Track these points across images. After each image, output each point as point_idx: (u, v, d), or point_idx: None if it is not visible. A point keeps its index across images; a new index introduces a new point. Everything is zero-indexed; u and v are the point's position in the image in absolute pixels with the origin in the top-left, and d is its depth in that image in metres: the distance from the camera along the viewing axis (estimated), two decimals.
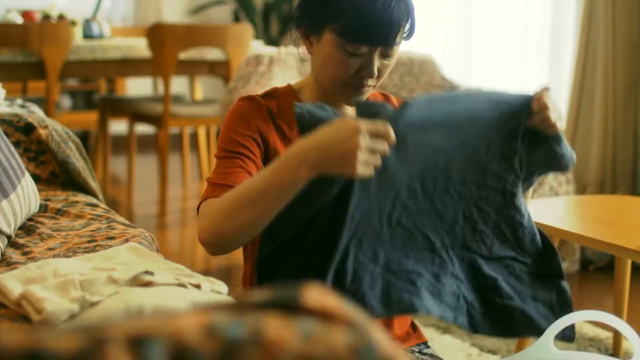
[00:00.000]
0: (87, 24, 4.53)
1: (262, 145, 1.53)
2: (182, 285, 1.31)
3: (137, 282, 1.29)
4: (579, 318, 1.50)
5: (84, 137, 6.39)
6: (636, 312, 2.97)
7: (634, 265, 2.71)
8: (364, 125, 1.24)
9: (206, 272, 3.45)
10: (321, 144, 1.27)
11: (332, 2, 1.48)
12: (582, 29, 4.19)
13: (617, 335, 2.52)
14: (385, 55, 1.51)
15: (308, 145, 1.28)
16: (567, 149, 1.50)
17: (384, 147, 1.26)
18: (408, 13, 1.49)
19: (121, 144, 6.19)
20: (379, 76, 1.53)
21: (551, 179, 3.38)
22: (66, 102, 6.32)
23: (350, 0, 1.45)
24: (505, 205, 1.48)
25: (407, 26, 1.50)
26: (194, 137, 5.58)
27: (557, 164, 1.50)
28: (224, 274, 3.53)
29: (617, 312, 2.44)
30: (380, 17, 1.45)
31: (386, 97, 1.72)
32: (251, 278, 1.60)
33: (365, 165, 1.24)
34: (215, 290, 1.33)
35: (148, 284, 1.29)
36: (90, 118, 6.16)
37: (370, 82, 1.52)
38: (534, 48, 4.72)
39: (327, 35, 1.49)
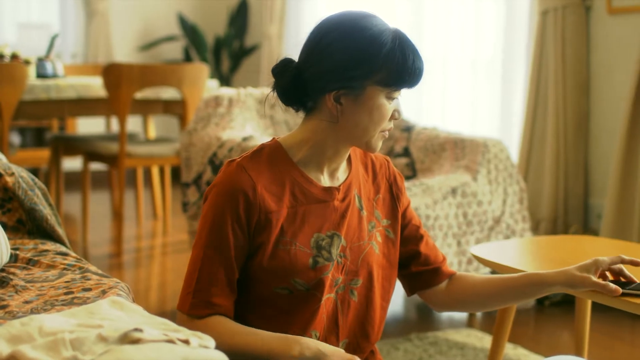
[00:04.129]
0: (40, 63, 4.50)
1: (255, 224, 1.61)
2: (171, 341, 1.32)
3: (127, 339, 1.29)
4: None
5: (33, 174, 6.30)
6: (594, 347, 3.04)
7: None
8: None
9: (162, 314, 3.42)
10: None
11: (373, 57, 1.57)
12: (533, 69, 4.30)
13: None
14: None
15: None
16: None
17: None
18: None
19: (72, 181, 6.14)
20: None
21: (507, 216, 3.45)
22: (15, 139, 6.25)
23: (387, 50, 1.57)
24: None
25: None
26: (147, 173, 5.57)
27: None
28: None
29: (578, 352, 2.50)
30: (417, 58, 1.60)
31: (387, 162, 1.82)
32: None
33: None
34: (204, 345, 1.34)
35: (138, 341, 1.29)
36: (40, 155, 6.11)
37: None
38: (486, 83, 4.82)
39: (370, 89, 1.58)
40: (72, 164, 6.21)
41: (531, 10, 4.41)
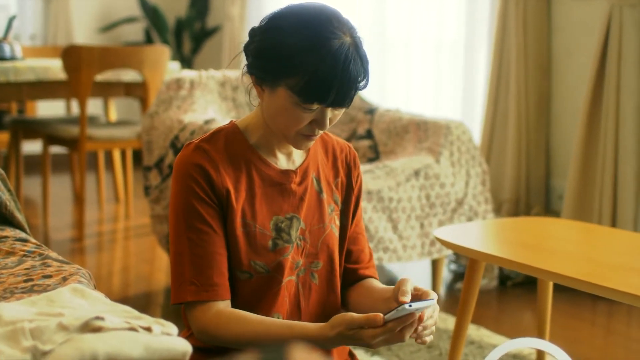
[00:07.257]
0: None
1: (219, 204, 1.58)
2: (133, 329, 1.30)
3: (88, 327, 1.27)
4: (519, 345, 1.55)
5: None
6: (556, 326, 3.07)
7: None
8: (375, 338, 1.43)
9: (124, 300, 3.42)
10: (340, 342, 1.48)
11: (291, 59, 1.46)
12: (495, 51, 4.31)
13: (540, 352, 2.60)
14: (337, 108, 1.54)
15: (326, 342, 1.48)
16: None
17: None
18: (364, 70, 1.50)
19: (31, 164, 6.06)
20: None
21: (470, 198, 3.47)
22: None
23: (309, 60, 1.45)
24: None
25: (363, 80, 1.51)
26: (108, 156, 5.51)
27: None
28: (143, 301, 3.51)
29: (540, 332, 2.52)
30: (339, 79, 1.45)
31: (349, 147, 1.76)
32: None
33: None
34: (166, 333, 1.33)
35: (99, 330, 1.28)
36: None
37: (321, 131, 1.55)
38: (448, 65, 4.82)
39: (282, 89, 1.49)
40: (31, 147, 6.12)
41: None
